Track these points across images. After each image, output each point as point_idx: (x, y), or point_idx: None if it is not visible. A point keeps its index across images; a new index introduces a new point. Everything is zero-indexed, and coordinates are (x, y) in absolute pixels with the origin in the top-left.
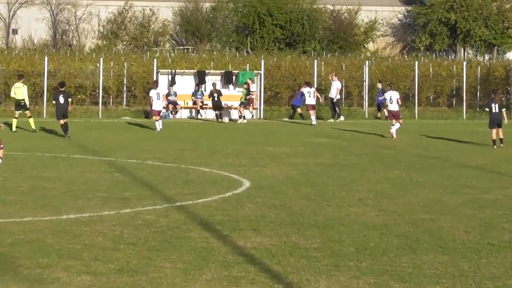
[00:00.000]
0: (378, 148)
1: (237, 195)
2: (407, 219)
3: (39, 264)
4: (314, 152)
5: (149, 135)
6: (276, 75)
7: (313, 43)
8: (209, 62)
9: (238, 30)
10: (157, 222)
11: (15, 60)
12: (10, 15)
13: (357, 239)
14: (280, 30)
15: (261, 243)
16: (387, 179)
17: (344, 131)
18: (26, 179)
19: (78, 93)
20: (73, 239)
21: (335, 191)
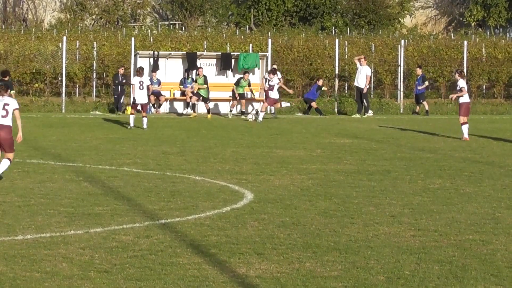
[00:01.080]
0: (416, 151)
1: (237, 211)
2: (452, 240)
3: None
4: (335, 156)
5: (125, 135)
6: (287, 58)
7: (334, 17)
8: (202, 41)
9: (238, 0)
10: (136, 244)
11: None
12: None
13: (388, 266)
14: (292, 0)
15: (268, 271)
16: (427, 190)
17: (373, 130)
18: None
19: (36, 81)
20: (31, 266)
21: (361, 205)
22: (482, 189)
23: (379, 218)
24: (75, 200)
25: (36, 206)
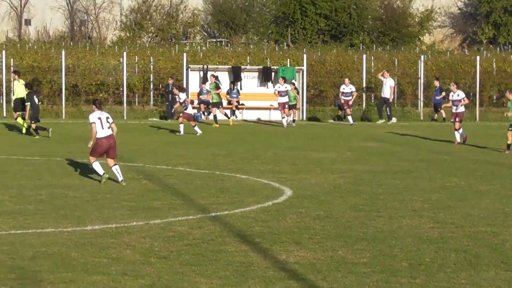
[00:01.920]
0: (435, 153)
1: (277, 205)
2: (466, 232)
3: (63, 278)
4: (363, 157)
5: (179, 139)
6: (320, 71)
7: (361, 35)
8: (245, 56)
9: (277, 20)
10: (190, 234)
11: (29, 55)
12: (22, 3)
13: (410, 254)
14: (324, 20)
15: (305, 258)
16: (444, 187)
17: (396, 135)
18: (46, 186)
19: (100, 92)
20: (99, 252)
21: (386, 200)
22: (493, 187)
23: (402, 212)
24: (136, 195)
25: (103, 200)
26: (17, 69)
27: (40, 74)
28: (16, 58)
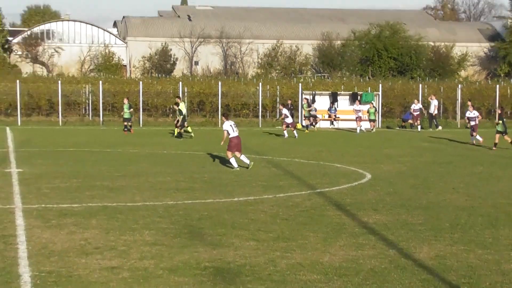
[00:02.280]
0: (467, 150)
1: (361, 184)
2: (489, 203)
3: (218, 233)
4: (419, 153)
5: (293, 140)
6: (390, 95)
7: (418, 71)
8: (340, 85)
9: (361, 61)
10: (303, 203)
11: (197, 84)
12: (192, 50)
13: (450, 217)
14: (393, 61)
15: (380, 220)
16: (474, 173)
17: (441, 138)
18: (207, 172)
19: (243, 109)
20: (242, 215)
21: (435, 182)
22: (507, 173)
23: (445, 189)
24: (267, 178)
25: (245, 181)
26: (179, 95)
27: (204, 97)
28: (188, 87)
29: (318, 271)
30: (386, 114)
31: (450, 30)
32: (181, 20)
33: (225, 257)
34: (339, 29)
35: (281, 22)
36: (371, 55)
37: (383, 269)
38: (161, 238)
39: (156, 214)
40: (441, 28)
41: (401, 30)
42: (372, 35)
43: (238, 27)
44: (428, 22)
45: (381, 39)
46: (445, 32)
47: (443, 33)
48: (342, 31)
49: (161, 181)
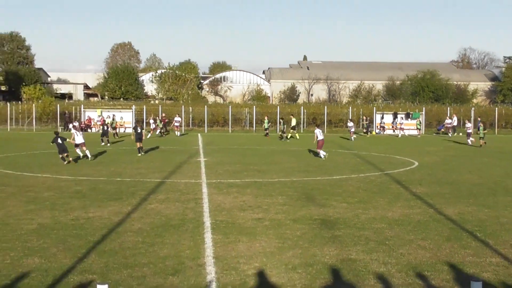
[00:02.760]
0: (475, 148)
1: (412, 169)
2: (492, 180)
3: (323, 198)
4: (446, 150)
5: (370, 140)
6: (430, 114)
7: (447, 99)
8: (399, 108)
9: (412, 93)
10: (376, 180)
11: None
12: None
13: (467, 189)
14: (431, 93)
15: (423, 191)
16: (482, 162)
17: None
18: (316, 160)
19: (340, 122)
20: (338, 187)
21: (457, 167)
22: (503, 162)
23: (464, 171)
24: (354, 164)
25: (339, 167)
26: (292, 113)
27: (316, 115)
28: (306, 109)
29: (385, 222)
30: (427, 125)
31: (466, 74)
32: (302, 69)
33: (327, 213)
34: (398, 74)
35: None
36: (418, 89)
37: (425, 221)
38: (288, 201)
39: (286, 186)
40: (461, 73)
41: (436, 74)
42: (419, 77)
43: (337, 73)
44: (453, 70)
45: (424, 80)
46: (463, 76)
47: (462, 76)
48: (400, 75)
49: (289, 166)
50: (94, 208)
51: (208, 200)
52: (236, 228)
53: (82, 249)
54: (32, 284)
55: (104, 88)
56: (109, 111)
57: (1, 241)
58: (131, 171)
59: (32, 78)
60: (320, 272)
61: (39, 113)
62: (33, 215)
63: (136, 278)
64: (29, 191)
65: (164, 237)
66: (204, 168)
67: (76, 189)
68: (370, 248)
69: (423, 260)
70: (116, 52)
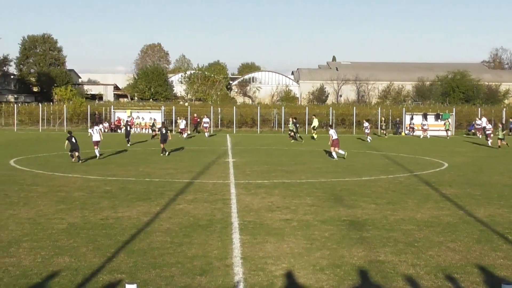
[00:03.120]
0: (505, 149)
1: (441, 170)
2: None
3: (351, 199)
4: (477, 150)
5: (399, 141)
6: (460, 115)
7: (478, 100)
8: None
9: (442, 94)
10: (405, 181)
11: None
12: (338, 88)
13: (498, 191)
14: (462, 94)
15: (453, 192)
16: None
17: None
18: (345, 161)
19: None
20: (367, 188)
21: (488, 168)
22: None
23: (494, 173)
24: (382, 165)
25: (368, 167)
26: (314, 114)
27: (345, 116)
28: (335, 110)
29: (413, 223)
30: (458, 126)
31: (498, 75)
32: (331, 70)
33: (355, 214)
34: (428, 75)
35: (392, 70)
36: (448, 90)
37: (455, 223)
38: (316, 201)
39: (314, 187)
40: (492, 73)
41: (467, 75)
42: (449, 78)
43: (366, 74)
44: (484, 70)
45: (454, 80)
46: (495, 76)
47: (493, 76)
48: (430, 76)
49: (317, 167)
50: (123, 208)
51: (236, 201)
52: (264, 229)
53: (111, 248)
54: (63, 283)
55: (134, 89)
56: (139, 112)
57: (33, 240)
58: (160, 172)
59: (63, 79)
60: (348, 273)
61: (70, 114)
62: (64, 214)
63: (164, 278)
64: (60, 191)
65: (192, 237)
66: (233, 169)
67: (105, 189)
68: (398, 250)
69: (453, 263)
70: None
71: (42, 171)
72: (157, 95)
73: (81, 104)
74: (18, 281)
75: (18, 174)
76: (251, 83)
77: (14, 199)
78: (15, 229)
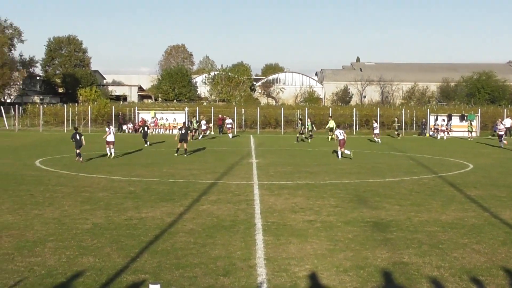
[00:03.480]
0: None
1: (466, 171)
2: None
3: (375, 200)
4: (503, 152)
5: (423, 142)
6: (485, 116)
7: (503, 101)
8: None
9: (467, 95)
10: (429, 183)
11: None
12: (362, 89)
13: None
14: (487, 95)
15: (478, 194)
16: None
17: None
18: (369, 163)
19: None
20: (390, 190)
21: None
22: None
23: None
24: (406, 166)
25: (392, 168)
26: (330, 115)
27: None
28: (359, 111)
29: (438, 225)
30: (483, 128)
31: None
32: (355, 71)
33: (379, 215)
34: (453, 75)
35: (416, 71)
36: (473, 91)
37: (480, 224)
38: (340, 203)
39: (337, 188)
40: None
41: (493, 75)
42: (474, 78)
43: (390, 75)
44: (510, 70)
45: (479, 81)
46: None
47: None
48: (455, 76)
49: (341, 168)
50: (147, 209)
51: (260, 202)
52: (287, 230)
53: (135, 249)
54: (87, 283)
55: (158, 90)
56: (163, 113)
57: (57, 240)
58: (184, 172)
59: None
60: (371, 275)
61: (95, 115)
62: (88, 215)
63: (187, 278)
64: (84, 191)
65: (215, 238)
66: (256, 170)
67: (129, 190)
68: (423, 252)
69: (478, 265)
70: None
71: (66, 172)
72: (181, 96)
73: (105, 105)
74: (43, 281)
75: (43, 175)
76: (274, 84)
77: (40, 199)
78: (40, 229)
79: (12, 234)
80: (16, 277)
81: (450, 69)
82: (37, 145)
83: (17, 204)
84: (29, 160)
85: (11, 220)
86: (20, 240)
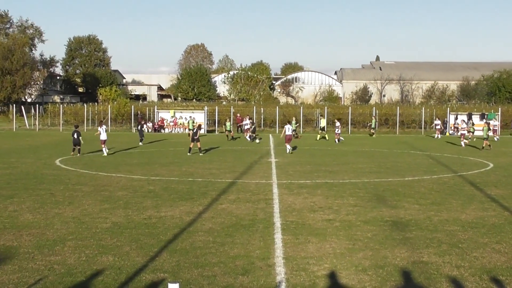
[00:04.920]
0: None
1: (486, 170)
2: None
3: (395, 199)
4: None
5: (443, 141)
6: (506, 115)
7: None
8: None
9: (488, 93)
10: (449, 182)
11: (384, 108)
12: (382, 88)
13: None
14: (508, 93)
15: (498, 193)
16: None
17: None
18: (389, 161)
19: (413, 123)
20: (410, 189)
21: None
22: None
23: None
24: (426, 165)
25: (412, 168)
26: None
27: (388, 116)
28: (378, 110)
29: (458, 224)
30: (503, 127)
31: None
32: (375, 70)
33: (398, 214)
34: (473, 74)
35: (436, 70)
36: (494, 89)
37: (500, 224)
38: (359, 202)
39: (357, 187)
40: None
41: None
42: (495, 77)
43: (410, 73)
44: None
45: (500, 80)
46: None
47: None
48: (475, 75)
49: (360, 167)
50: (166, 208)
51: (279, 201)
52: (306, 229)
53: (154, 247)
54: (106, 282)
55: (177, 89)
56: (182, 112)
57: (77, 239)
58: (203, 171)
59: (108, 80)
60: (390, 274)
61: (114, 114)
62: (108, 213)
63: (206, 277)
64: (104, 190)
65: (234, 237)
66: (275, 169)
67: (148, 189)
68: (442, 251)
69: (498, 264)
70: (189, 54)
71: (86, 171)
72: (200, 95)
73: (125, 104)
74: (63, 279)
75: (63, 174)
76: (294, 83)
77: (60, 198)
78: (60, 227)
79: (32, 233)
80: (36, 275)
81: (470, 67)
82: (58, 145)
83: (38, 203)
84: (49, 159)
85: (32, 219)
86: (40, 239)
